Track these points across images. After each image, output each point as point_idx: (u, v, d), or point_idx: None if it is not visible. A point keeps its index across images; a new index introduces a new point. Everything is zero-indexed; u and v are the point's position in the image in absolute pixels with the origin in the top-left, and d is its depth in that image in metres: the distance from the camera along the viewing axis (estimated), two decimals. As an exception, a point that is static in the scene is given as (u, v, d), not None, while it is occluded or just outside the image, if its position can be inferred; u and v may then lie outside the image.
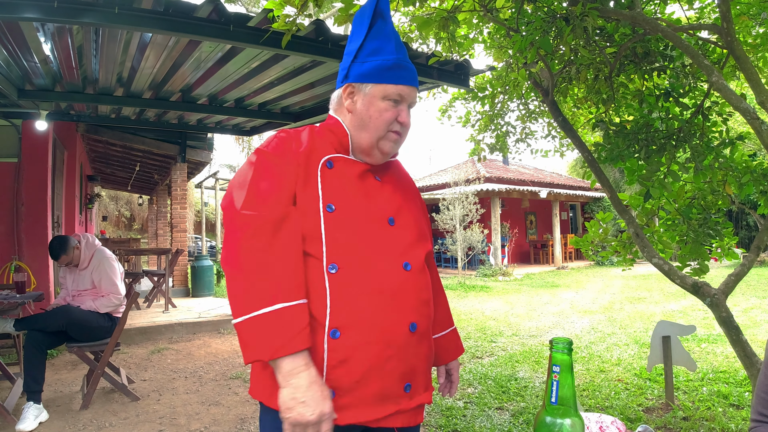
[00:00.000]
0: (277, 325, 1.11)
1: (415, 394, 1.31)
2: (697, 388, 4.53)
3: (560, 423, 0.80)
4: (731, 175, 3.90)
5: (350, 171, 1.35)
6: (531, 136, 5.56)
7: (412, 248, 1.34)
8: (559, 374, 0.80)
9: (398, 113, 1.34)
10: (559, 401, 0.81)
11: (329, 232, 1.24)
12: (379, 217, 1.33)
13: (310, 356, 1.15)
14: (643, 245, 3.50)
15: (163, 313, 7.73)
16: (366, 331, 1.22)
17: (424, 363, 1.34)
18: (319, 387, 1.12)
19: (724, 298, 3.35)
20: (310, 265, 1.23)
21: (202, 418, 3.85)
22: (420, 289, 1.32)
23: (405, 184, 1.49)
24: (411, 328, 1.27)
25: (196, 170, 12.26)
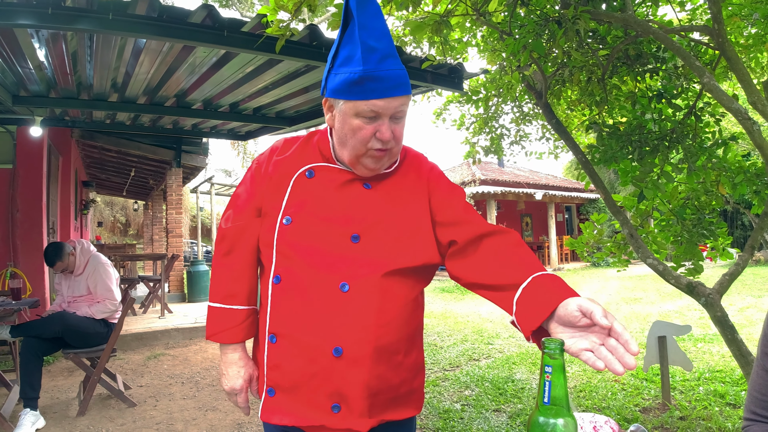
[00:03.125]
0: (214, 318, 1.39)
1: (346, 417, 1.23)
2: (693, 388, 4.55)
3: (553, 423, 0.81)
4: (724, 175, 3.92)
5: (332, 180, 1.31)
6: (525, 138, 5.59)
7: (365, 268, 1.23)
8: (551, 375, 0.81)
9: (376, 129, 1.19)
10: (551, 401, 0.82)
11: (280, 245, 1.29)
12: (341, 233, 1.26)
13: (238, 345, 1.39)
14: (638, 246, 3.52)
15: (159, 319, 7.72)
16: (293, 345, 1.26)
17: (359, 389, 1.21)
18: (237, 367, 1.38)
19: (718, 297, 3.37)
20: (265, 272, 1.35)
21: (199, 424, 3.84)
22: (358, 313, 1.21)
23: (409, 188, 1.33)
24: (335, 352, 1.20)
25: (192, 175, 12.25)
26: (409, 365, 1.32)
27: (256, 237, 1.36)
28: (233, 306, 1.37)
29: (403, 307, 1.27)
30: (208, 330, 1.40)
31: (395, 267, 1.25)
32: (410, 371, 1.32)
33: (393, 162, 1.34)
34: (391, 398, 1.29)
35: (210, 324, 1.39)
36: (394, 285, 1.25)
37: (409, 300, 1.29)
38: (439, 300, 10.84)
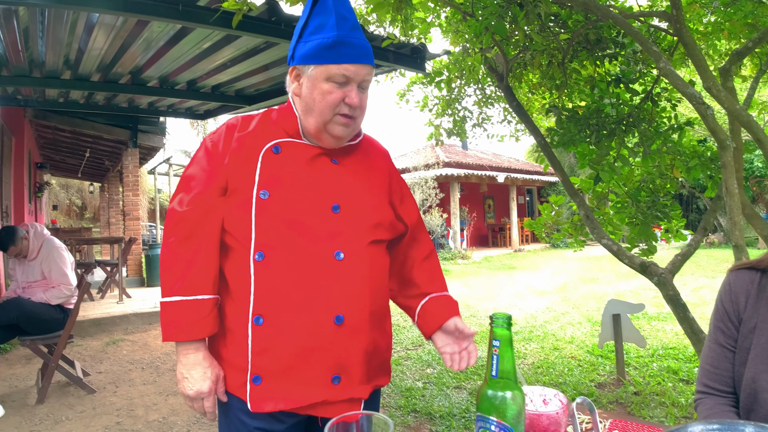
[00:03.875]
0: (174, 314, 1.24)
1: (346, 387, 1.26)
2: (647, 364, 4.73)
3: (501, 395, 0.83)
4: (679, 159, 4.05)
5: (300, 155, 1.31)
6: (488, 120, 5.63)
7: (352, 237, 1.27)
8: (499, 348, 0.82)
9: (345, 95, 1.24)
10: (499, 374, 0.83)
11: (259, 220, 1.23)
12: (321, 203, 1.27)
13: (201, 344, 1.26)
14: (593, 227, 3.61)
15: (117, 304, 7.54)
16: (288, 321, 1.21)
17: (359, 356, 1.26)
18: (202, 369, 1.25)
19: (671, 276, 3.49)
20: (239, 250, 1.26)
21: (160, 409, 3.80)
22: (354, 280, 1.25)
23: (372, 166, 1.40)
24: (336, 320, 1.22)
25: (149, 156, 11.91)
26: (389, 332, 1.42)
27: (221, 218, 1.27)
28: (199, 296, 1.24)
29: (385, 274, 1.37)
30: (166, 329, 1.25)
31: (377, 237, 1.31)
32: (390, 338, 1.42)
33: (356, 135, 1.39)
34: (379, 363, 1.36)
35: (169, 322, 1.24)
36: (377, 253, 1.33)
37: (387, 269, 1.39)
38: (403, 282, 10.92)
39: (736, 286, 1.29)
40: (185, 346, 1.25)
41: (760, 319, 1.20)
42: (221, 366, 1.29)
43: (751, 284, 1.25)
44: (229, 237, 1.28)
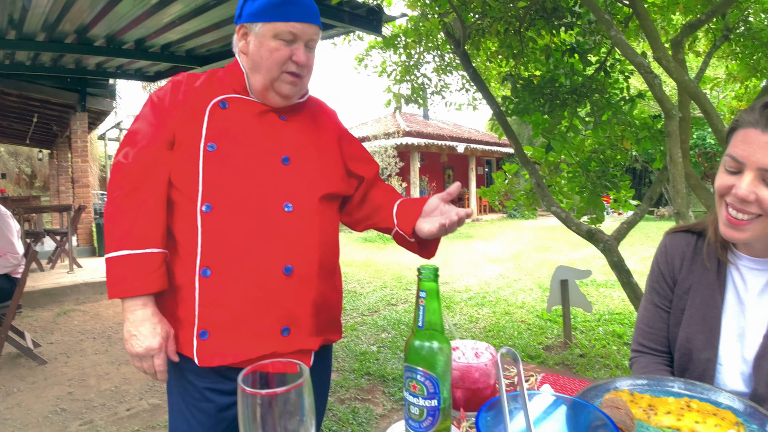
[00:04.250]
0: (121, 269, 1.21)
1: (296, 339, 1.27)
2: (593, 328, 4.93)
3: (428, 346, 0.84)
4: (629, 130, 4.15)
5: (247, 110, 1.31)
6: (446, 88, 5.63)
7: (302, 189, 1.29)
8: (425, 299, 0.84)
9: (292, 52, 1.25)
10: (426, 326, 0.85)
11: (207, 172, 1.23)
12: (270, 156, 1.28)
13: (149, 299, 1.24)
14: (544, 195, 3.69)
15: (68, 274, 7.32)
16: (236, 272, 1.21)
17: (308, 307, 1.28)
18: (151, 325, 1.22)
19: (616, 243, 3.62)
20: (185, 204, 1.25)
21: (112, 378, 3.77)
22: (303, 231, 1.27)
23: (320, 124, 1.42)
24: (285, 271, 1.23)
25: (98, 120, 11.41)
26: (339, 288, 1.44)
27: (167, 171, 1.27)
28: (147, 249, 1.22)
29: (335, 230, 1.39)
30: (113, 285, 1.21)
31: (328, 191, 1.34)
32: (340, 294, 1.45)
33: (303, 95, 1.40)
34: (329, 318, 1.39)
35: (116, 277, 1.21)
36: (327, 208, 1.35)
37: (337, 224, 1.42)
38: (362, 250, 10.98)
39: (672, 248, 1.33)
40: (132, 302, 1.22)
41: (695, 280, 1.25)
42: (171, 324, 1.28)
43: (687, 247, 1.29)
44: (176, 192, 1.27)
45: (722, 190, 1.08)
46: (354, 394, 3.48)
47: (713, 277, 1.22)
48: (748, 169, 1.03)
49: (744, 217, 1.05)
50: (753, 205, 1.03)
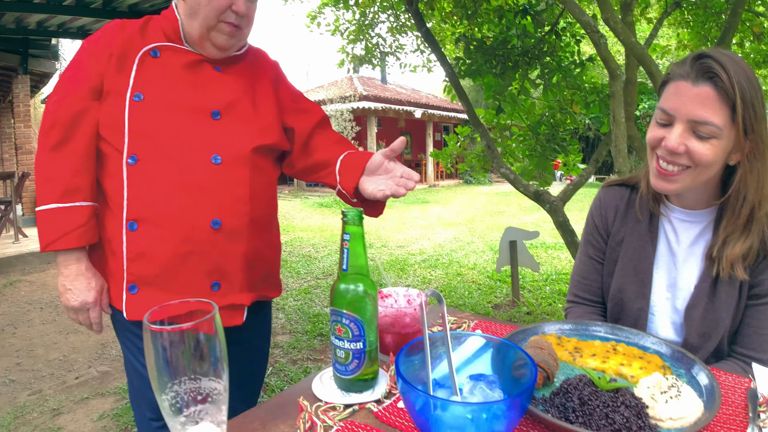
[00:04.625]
0: (51, 222, 1.20)
1: (227, 294, 1.26)
2: (540, 288, 5.09)
3: (353, 289, 0.84)
4: (578, 94, 4.21)
5: (180, 59, 1.26)
6: (401, 49, 5.55)
7: (232, 142, 1.25)
8: (349, 242, 0.83)
9: (232, 1, 1.20)
10: (350, 269, 0.84)
11: (133, 123, 1.19)
12: (200, 108, 1.23)
13: (83, 253, 1.24)
14: (494, 156, 3.72)
15: (13, 244, 7.01)
16: (162, 225, 1.19)
17: (238, 262, 1.26)
18: (85, 279, 1.23)
19: (561, 204, 3.70)
20: (113, 156, 1.21)
21: (60, 347, 3.68)
22: (233, 185, 1.23)
23: (258, 76, 1.37)
24: (213, 224, 1.20)
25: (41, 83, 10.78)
26: (276, 244, 1.42)
27: (95, 122, 1.22)
28: (77, 203, 1.20)
29: (269, 184, 1.35)
30: (44, 238, 1.20)
31: (260, 143, 1.29)
32: (277, 251, 1.43)
33: (241, 46, 1.35)
34: (265, 275, 1.37)
35: (46, 231, 1.20)
36: (260, 161, 1.30)
37: (272, 179, 1.37)
38: (317, 215, 10.92)
39: (606, 201, 1.35)
40: (66, 256, 1.22)
41: (627, 232, 1.27)
42: (104, 278, 1.28)
43: (621, 200, 1.32)
44: (104, 143, 1.23)
45: (653, 142, 1.10)
46: (306, 355, 3.51)
47: (645, 229, 1.25)
48: (678, 121, 1.04)
49: (674, 169, 1.08)
50: (682, 157, 1.05)
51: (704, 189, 1.13)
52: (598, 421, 0.74)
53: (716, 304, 1.13)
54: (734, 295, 1.12)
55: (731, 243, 1.09)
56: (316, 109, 1.46)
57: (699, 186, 1.11)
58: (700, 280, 1.15)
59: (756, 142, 1.03)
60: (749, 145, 1.03)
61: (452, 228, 8.98)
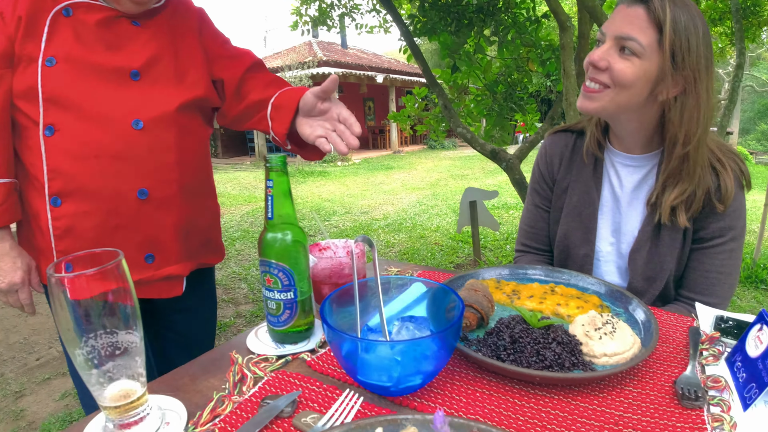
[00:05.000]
0: None
1: (162, 265, 1.21)
2: (501, 246, 5.16)
3: (280, 238, 0.81)
4: (534, 52, 4.19)
5: (93, 17, 1.16)
6: (356, 9, 5.41)
7: (154, 104, 1.17)
8: (273, 189, 0.79)
9: None
10: (276, 218, 0.80)
11: (47, 91, 1.10)
12: (118, 70, 1.15)
13: (6, 232, 1.17)
14: (450, 116, 3.70)
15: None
16: (86, 200, 1.12)
17: (170, 232, 1.20)
18: (10, 259, 1.17)
19: (518, 162, 3.72)
20: (29, 127, 1.12)
21: (20, 330, 3.57)
22: (157, 150, 1.16)
23: (180, 27, 1.28)
24: (140, 195, 1.14)
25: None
26: (212, 209, 1.36)
27: (8, 92, 1.12)
28: None
29: (199, 146, 1.27)
30: None
31: (184, 99, 1.20)
32: (213, 216, 1.37)
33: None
34: (203, 242, 1.31)
35: None
36: (187, 121, 1.23)
37: (202, 140, 1.29)
38: (280, 184, 10.77)
39: (551, 148, 1.34)
40: None
41: (573, 179, 1.27)
42: (32, 256, 1.21)
43: (566, 147, 1.31)
44: (19, 114, 1.13)
45: (586, 64, 1.09)
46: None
47: (590, 175, 1.24)
48: (608, 38, 1.04)
49: (595, 86, 1.07)
50: (604, 74, 1.04)
51: (637, 124, 1.12)
52: (528, 358, 0.74)
53: (660, 248, 1.14)
54: (678, 240, 1.13)
55: (669, 189, 1.10)
56: (246, 54, 1.36)
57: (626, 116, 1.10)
58: (643, 225, 1.16)
59: (689, 80, 1.01)
60: (682, 82, 1.02)
61: (416, 192, 9.00)
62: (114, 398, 0.65)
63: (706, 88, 1.02)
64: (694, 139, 1.04)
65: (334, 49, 19.25)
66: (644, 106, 1.07)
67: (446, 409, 0.69)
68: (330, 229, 6.19)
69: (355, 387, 0.74)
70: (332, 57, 16.98)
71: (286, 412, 0.68)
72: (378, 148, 19.88)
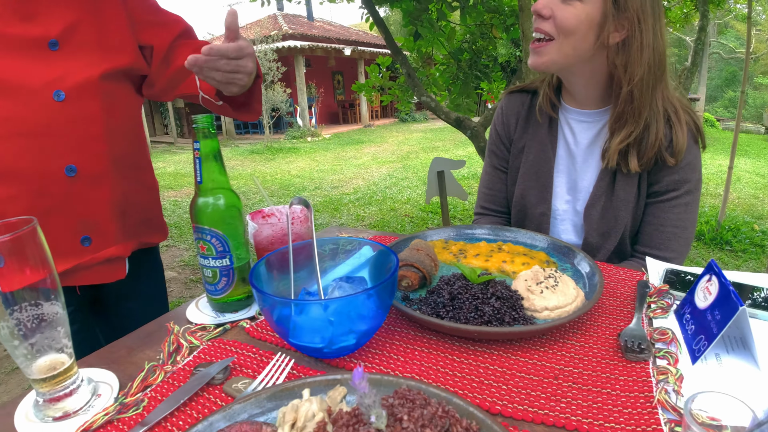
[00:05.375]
0: None
1: (100, 247, 1.13)
2: (470, 216, 5.18)
3: (212, 202, 0.77)
4: (498, 18, 4.15)
5: None
6: (317, -21, 5.28)
7: (76, 74, 1.08)
8: (200, 152, 0.76)
9: None
10: (206, 182, 0.77)
11: None
12: (34, 39, 1.06)
13: None
14: (414, 84, 3.66)
15: None
16: (12, 182, 1.03)
17: (105, 211, 1.13)
18: None
19: (483, 129, 3.71)
20: None
21: None
22: (82, 122, 1.08)
23: None
24: (68, 172, 1.06)
25: None
26: (150, 184, 1.29)
27: None
28: None
29: (130, 116, 1.20)
30: None
31: (109, 67, 1.11)
32: (152, 192, 1.30)
33: None
34: (143, 219, 1.24)
35: None
36: (114, 90, 1.14)
37: (133, 109, 1.22)
38: (249, 162, 10.60)
39: (507, 109, 1.33)
40: None
41: (528, 138, 1.27)
42: None
43: (522, 106, 1.30)
44: None
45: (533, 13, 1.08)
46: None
47: (545, 134, 1.24)
48: None
49: (540, 37, 1.06)
50: (548, 23, 1.03)
51: (588, 77, 1.11)
52: (467, 314, 0.72)
53: (614, 202, 1.14)
54: (632, 193, 1.13)
55: (616, 133, 1.10)
56: (177, 20, 1.27)
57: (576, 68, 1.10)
58: (598, 179, 1.16)
59: (633, 23, 1.01)
60: (626, 25, 1.01)
61: (387, 165, 8.96)
62: (41, 370, 0.63)
63: (653, 29, 1.02)
64: (637, 78, 1.04)
65: (300, 22, 18.86)
66: (593, 56, 1.06)
67: (382, 368, 0.68)
68: (300, 205, 6.14)
69: (291, 351, 0.73)
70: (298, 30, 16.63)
71: (218, 379, 0.66)
72: (348, 122, 19.70)
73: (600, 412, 0.60)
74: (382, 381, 0.56)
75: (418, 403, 0.49)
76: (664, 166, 1.10)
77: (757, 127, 15.27)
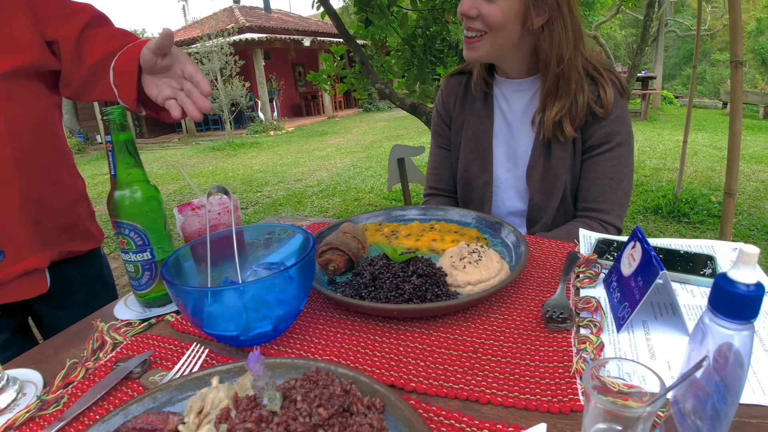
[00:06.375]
0: None
1: (16, 259, 1.05)
2: (433, 202, 5.21)
3: (129, 195, 0.76)
4: (449, 1, 4.15)
5: None
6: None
7: None
8: (113, 144, 0.74)
9: None
10: (121, 174, 0.75)
11: None
12: None
13: None
14: (368, 72, 3.65)
15: None
16: None
17: (15, 219, 1.04)
18: None
19: (438, 115, 3.72)
20: None
21: None
22: None
23: None
24: None
25: None
26: (70, 187, 1.18)
27: None
28: None
29: (39, 115, 1.11)
30: None
31: (10, 65, 1.03)
32: (74, 196, 1.20)
33: None
34: (62, 226, 1.15)
35: None
36: (18, 88, 1.06)
37: (43, 108, 1.12)
38: (210, 158, 10.43)
39: (447, 89, 1.39)
40: None
41: (467, 114, 1.32)
42: None
43: (460, 85, 1.36)
44: None
45: (459, 15, 1.12)
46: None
47: (481, 107, 1.29)
48: None
49: (473, 35, 1.11)
50: (477, 21, 1.09)
51: (517, 56, 1.17)
52: (387, 293, 0.73)
53: (553, 161, 1.19)
54: (568, 151, 1.18)
55: (549, 107, 1.15)
56: (85, 9, 1.17)
57: (507, 52, 1.15)
58: (534, 144, 1.21)
59: (552, 7, 1.07)
60: (547, 9, 1.07)
61: (350, 156, 8.93)
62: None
63: (570, 10, 1.09)
64: (566, 57, 1.10)
65: (257, 14, 18.57)
66: (521, 40, 1.12)
67: (302, 353, 0.68)
68: (262, 200, 6.07)
69: (212, 342, 0.72)
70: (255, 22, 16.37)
71: (136, 373, 0.65)
72: (312, 114, 19.54)
73: (516, 384, 0.61)
74: (293, 364, 0.57)
75: (321, 384, 0.49)
76: (595, 120, 1.16)
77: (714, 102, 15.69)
